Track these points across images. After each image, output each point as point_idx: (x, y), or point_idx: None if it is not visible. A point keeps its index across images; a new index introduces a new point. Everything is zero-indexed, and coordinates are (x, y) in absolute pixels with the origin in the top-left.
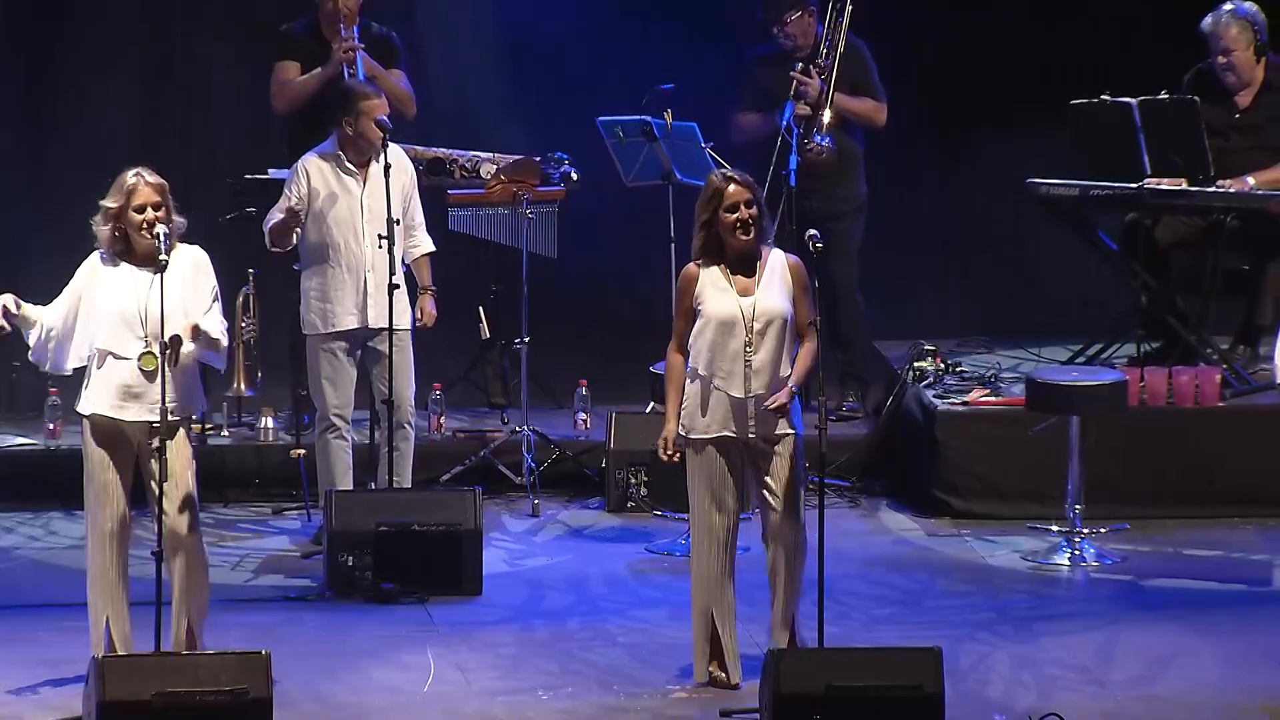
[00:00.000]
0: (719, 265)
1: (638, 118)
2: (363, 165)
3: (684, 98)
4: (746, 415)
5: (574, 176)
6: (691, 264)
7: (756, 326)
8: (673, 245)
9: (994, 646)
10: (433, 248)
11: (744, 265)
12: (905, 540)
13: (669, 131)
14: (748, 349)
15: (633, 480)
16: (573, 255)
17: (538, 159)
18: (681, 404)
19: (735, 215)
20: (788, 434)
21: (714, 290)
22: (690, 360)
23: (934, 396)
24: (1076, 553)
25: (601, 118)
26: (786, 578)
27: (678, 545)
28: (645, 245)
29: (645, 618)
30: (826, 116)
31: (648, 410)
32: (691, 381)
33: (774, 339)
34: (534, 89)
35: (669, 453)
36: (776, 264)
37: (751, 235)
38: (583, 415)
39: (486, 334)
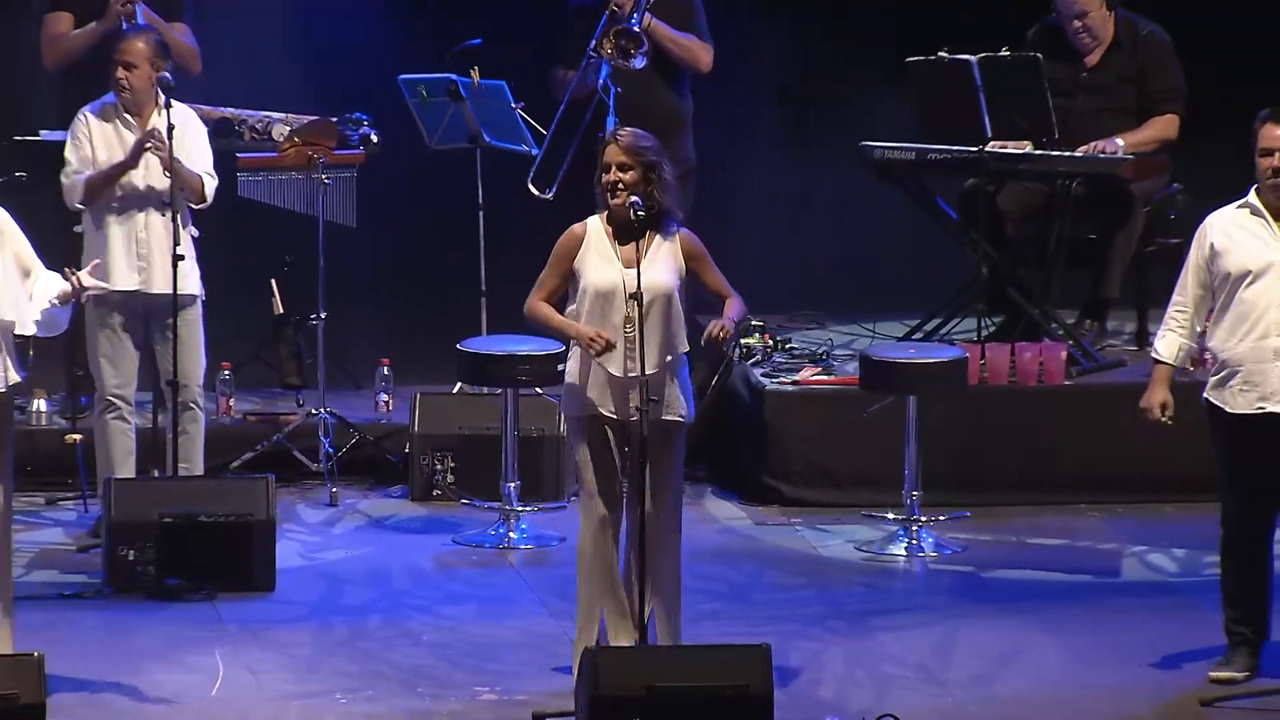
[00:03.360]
0: (607, 229)
1: (442, 76)
2: (141, 118)
3: (493, 54)
4: (627, 396)
5: (374, 139)
6: (579, 224)
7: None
8: (481, 213)
9: (826, 643)
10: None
11: (629, 234)
12: (731, 530)
13: (476, 91)
14: (628, 326)
15: (439, 467)
16: (373, 224)
17: (334, 120)
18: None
19: (607, 176)
20: (677, 420)
21: (597, 258)
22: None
23: (762, 375)
24: (914, 542)
25: (403, 75)
26: (667, 582)
27: (487, 536)
28: (451, 213)
29: (452, 615)
30: (640, 25)
31: (455, 390)
32: (575, 356)
33: (659, 316)
34: (329, 44)
35: (598, 336)
36: (666, 238)
37: (622, 201)
38: (384, 397)
39: (279, 309)
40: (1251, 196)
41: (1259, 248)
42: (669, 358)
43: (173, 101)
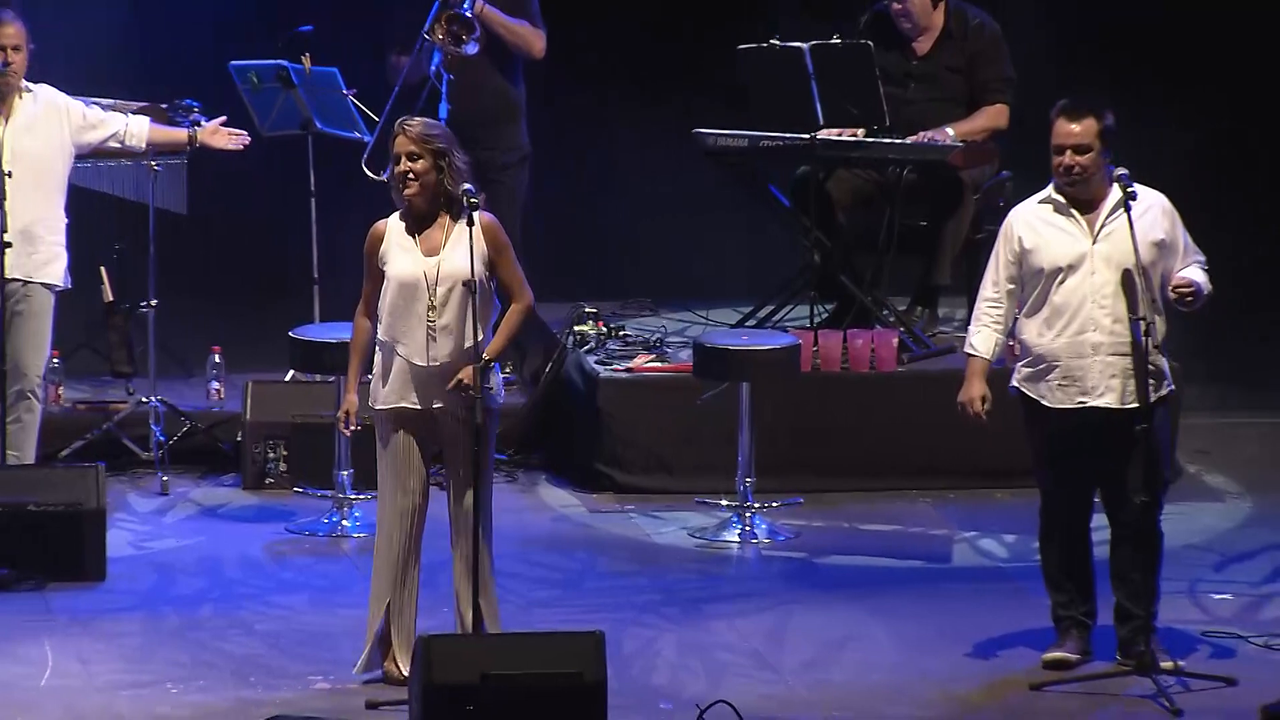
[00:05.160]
0: (402, 221)
1: (274, 62)
2: (4, 103)
3: (325, 41)
4: (430, 386)
5: (205, 125)
6: (380, 221)
7: (440, 290)
8: (313, 199)
9: (660, 630)
10: (143, 120)
11: (427, 223)
12: (565, 517)
13: (308, 77)
14: (430, 314)
15: (271, 455)
16: (204, 212)
17: (164, 106)
18: (367, 374)
19: (398, 168)
20: (488, 407)
21: (398, 250)
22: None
23: (596, 363)
24: (747, 529)
25: (235, 62)
26: (478, 564)
27: (320, 525)
28: (283, 200)
29: (285, 604)
30: (472, 10)
31: (287, 378)
32: (378, 349)
33: (458, 304)
34: (159, 29)
35: (350, 427)
36: (467, 226)
37: (414, 191)
38: (216, 385)
39: (109, 297)
40: (1052, 190)
41: (1069, 243)
42: (466, 345)
43: (32, 86)
